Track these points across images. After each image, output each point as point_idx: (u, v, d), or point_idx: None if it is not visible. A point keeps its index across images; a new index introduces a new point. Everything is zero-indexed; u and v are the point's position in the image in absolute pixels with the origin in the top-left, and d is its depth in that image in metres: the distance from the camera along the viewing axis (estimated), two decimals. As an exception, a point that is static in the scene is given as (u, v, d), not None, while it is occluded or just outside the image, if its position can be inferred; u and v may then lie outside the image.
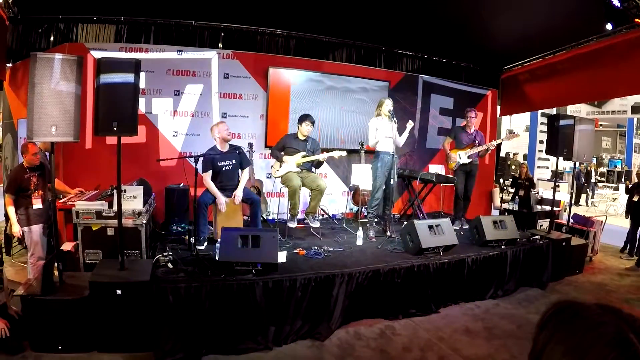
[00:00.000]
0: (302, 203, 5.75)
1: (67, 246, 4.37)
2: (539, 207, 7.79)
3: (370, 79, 7.39)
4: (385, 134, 5.58)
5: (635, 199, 6.98)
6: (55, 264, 3.73)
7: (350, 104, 7.25)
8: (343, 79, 7.18)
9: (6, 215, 4.42)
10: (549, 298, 5.20)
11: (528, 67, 8.33)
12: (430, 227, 4.98)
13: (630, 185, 7.38)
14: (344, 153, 5.59)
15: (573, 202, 8.80)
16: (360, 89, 7.30)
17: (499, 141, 7.05)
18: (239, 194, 4.97)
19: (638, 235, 6.94)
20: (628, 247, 7.14)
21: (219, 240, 4.21)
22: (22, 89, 5.73)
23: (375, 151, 5.70)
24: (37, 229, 4.33)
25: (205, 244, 4.84)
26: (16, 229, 4.26)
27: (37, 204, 4.32)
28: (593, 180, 15.04)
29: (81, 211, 4.27)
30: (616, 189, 14.53)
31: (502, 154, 13.92)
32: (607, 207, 12.72)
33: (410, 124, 5.79)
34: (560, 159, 6.17)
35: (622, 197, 10.92)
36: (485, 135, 7.78)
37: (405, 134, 5.78)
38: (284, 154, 5.52)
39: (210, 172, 4.91)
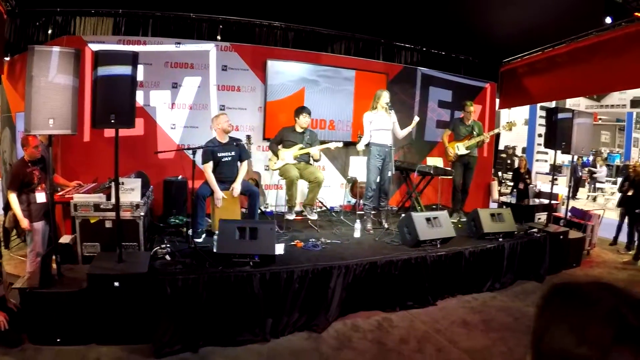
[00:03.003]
0: (299, 195, 5.76)
1: (65, 239, 4.38)
2: (537, 200, 7.81)
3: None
4: (380, 126, 5.55)
5: (630, 193, 6.98)
6: (54, 257, 3.73)
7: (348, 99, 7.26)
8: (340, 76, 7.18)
9: (4, 209, 4.41)
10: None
11: (527, 60, 8.31)
12: (428, 219, 4.99)
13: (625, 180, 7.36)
14: (340, 144, 5.60)
15: (570, 195, 8.81)
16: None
17: (495, 131, 7.04)
18: (237, 186, 4.97)
19: (635, 229, 6.94)
20: (626, 242, 7.14)
21: (217, 232, 4.23)
22: (20, 83, 5.71)
23: (369, 143, 5.67)
24: (39, 226, 4.28)
25: (204, 236, 4.85)
26: (25, 224, 4.18)
27: (41, 198, 4.27)
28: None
29: (79, 204, 4.26)
30: (614, 182, 14.52)
31: (501, 147, 13.87)
32: (605, 201, 12.72)
33: (416, 119, 5.83)
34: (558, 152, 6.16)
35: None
36: (484, 127, 7.77)
37: (409, 128, 5.78)
38: (282, 147, 5.51)
39: (211, 163, 4.89)
